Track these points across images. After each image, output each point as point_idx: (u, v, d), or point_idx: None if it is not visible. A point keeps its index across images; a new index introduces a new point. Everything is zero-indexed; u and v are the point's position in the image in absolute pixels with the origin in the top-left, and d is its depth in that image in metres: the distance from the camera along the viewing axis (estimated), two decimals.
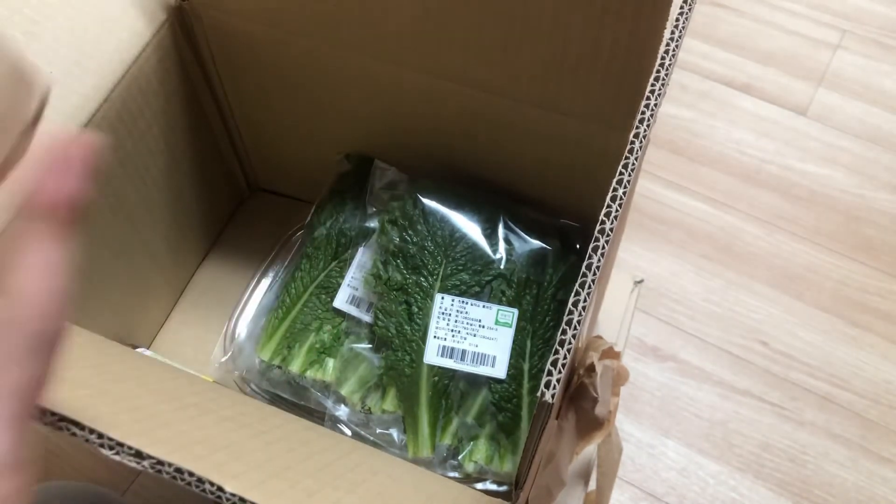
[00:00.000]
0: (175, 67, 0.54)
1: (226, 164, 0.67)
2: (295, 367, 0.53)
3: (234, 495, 0.28)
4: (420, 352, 0.51)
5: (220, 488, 0.28)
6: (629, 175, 0.30)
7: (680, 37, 0.34)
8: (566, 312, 0.27)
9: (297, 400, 0.54)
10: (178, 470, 0.28)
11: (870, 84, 1.00)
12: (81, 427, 0.29)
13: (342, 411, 0.52)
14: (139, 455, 0.28)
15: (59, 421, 0.29)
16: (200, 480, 0.28)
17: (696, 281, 0.84)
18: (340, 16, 0.48)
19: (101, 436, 0.29)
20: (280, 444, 0.36)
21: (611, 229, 0.29)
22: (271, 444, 0.35)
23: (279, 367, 0.54)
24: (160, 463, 0.28)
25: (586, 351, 0.39)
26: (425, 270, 0.52)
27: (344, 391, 0.52)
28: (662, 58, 0.33)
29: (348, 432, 0.52)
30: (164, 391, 0.37)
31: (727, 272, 0.85)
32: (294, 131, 0.62)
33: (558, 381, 0.26)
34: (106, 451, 0.29)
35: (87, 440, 0.29)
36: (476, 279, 0.52)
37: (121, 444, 0.28)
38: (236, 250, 0.69)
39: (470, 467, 0.50)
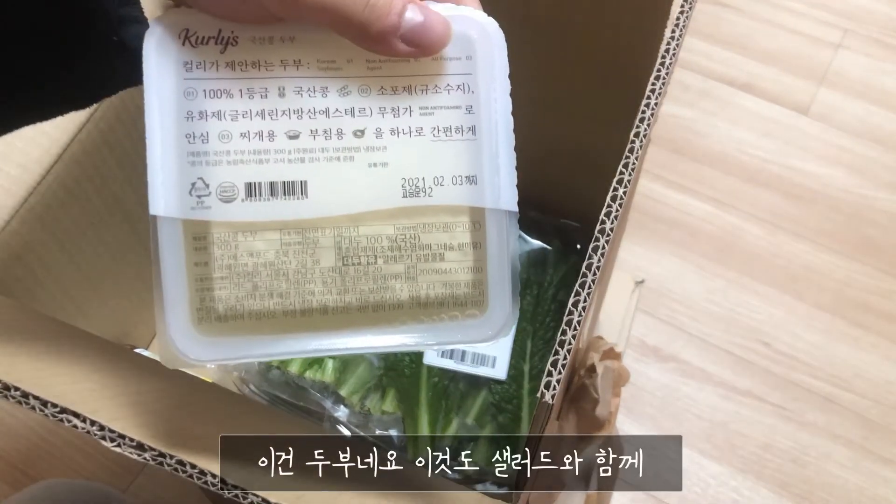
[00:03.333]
0: None
1: None
2: (294, 367, 0.52)
3: (235, 487, 0.28)
4: (420, 352, 0.50)
5: (222, 480, 0.28)
6: (630, 174, 0.29)
7: (681, 35, 0.34)
8: (566, 313, 0.27)
9: (297, 401, 0.54)
10: (181, 462, 0.28)
11: (871, 83, 0.99)
12: (83, 419, 0.29)
13: (341, 412, 0.52)
14: (141, 447, 0.29)
15: (59, 413, 0.29)
16: (203, 472, 0.28)
17: (698, 281, 0.84)
18: None
19: (102, 427, 0.29)
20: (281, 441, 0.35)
21: (611, 229, 0.28)
22: (272, 441, 0.35)
23: (278, 368, 0.53)
24: (162, 455, 0.28)
25: (587, 351, 0.39)
26: None
27: (343, 392, 0.51)
28: (663, 57, 0.33)
29: (347, 433, 0.52)
30: (163, 390, 0.37)
31: (728, 272, 0.85)
32: None
33: (558, 381, 0.26)
34: (107, 444, 0.29)
35: (88, 432, 0.29)
36: None
37: (122, 437, 0.29)
38: None
39: (470, 468, 0.50)
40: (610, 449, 0.52)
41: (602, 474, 0.56)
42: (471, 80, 0.28)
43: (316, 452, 0.36)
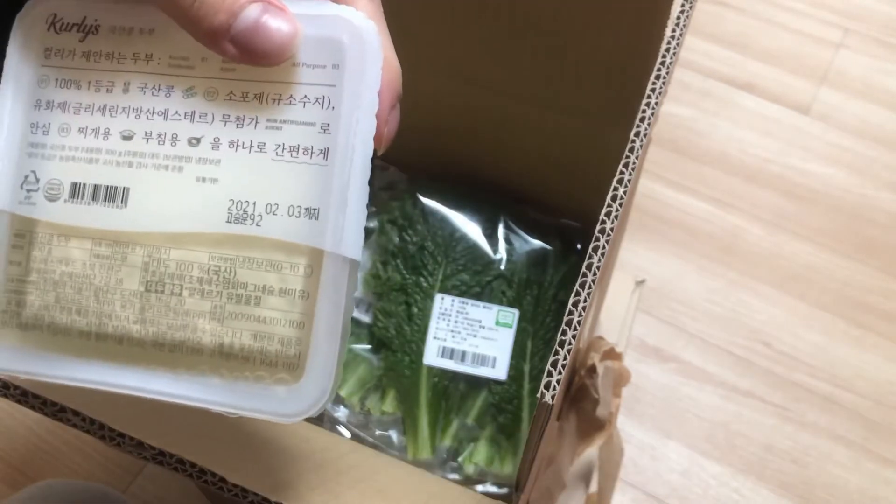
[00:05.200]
0: None
1: None
2: None
3: (235, 486, 0.28)
4: (420, 353, 0.50)
5: (221, 479, 0.28)
6: (630, 174, 0.29)
7: (681, 35, 0.33)
8: (566, 313, 0.27)
9: None
10: (180, 461, 0.28)
11: (872, 83, 0.99)
12: (83, 418, 0.29)
13: (341, 413, 0.52)
14: (141, 446, 0.28)
15: (59, 412, 0.29)
16: (202, 471, 0.28)
17: (698, 281, 0.84)
18: None
19: (102, 426, 0.29)
20: (280, 441, 0.35)
21: (611, 229, 0.28)
22: (271, 441, 0.35)
23: None
24: (162, 454, 0.28)
25: (587, 352, 0.39)
26: (425, 271, 0.52)
27: (343, 392, 0.51)
28: (663, 56, 0.32)
29: (347, 434, 0.52)
30: None
31: (729, 272, 0.85)
32: None
33: (558, 381, 0.26)
34: (107, 443, 0.28)
35: (88, 431, 0.29)
36: (476, 279, 0.52)
37: (122, 435, 0.28)
38: None
39: (470, 469, 0.50)
40: (610, 450, 0.52)
41: (602, 474, 0.56)
42: (333, 93, 0.23)
43: (317, 452, 0.36)
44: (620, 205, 0.29)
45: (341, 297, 0.23)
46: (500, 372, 0.50)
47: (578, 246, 0.56)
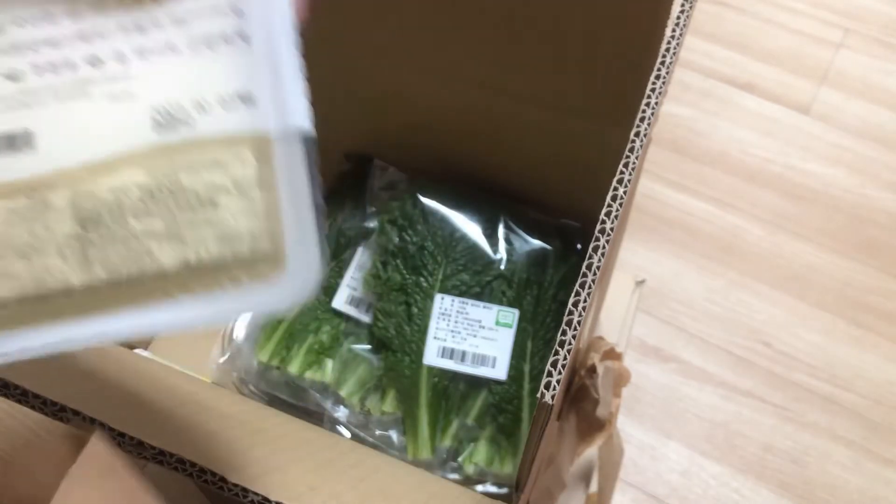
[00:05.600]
0: None
1: None
2: (293, 368, 0.52)
3: (235, 486, 0.28)
4: (420, 353, 0.50)
5: (221, 479, 0.28)
6: (630, 174, 0.29)
7: (681, 35, 0.33)
8: (566, 313, 0.27)
9: (296, 401, 0.53)
10: (181, 461, 0.28)
11: (872, 83, 0.99)
12: (83, 417, 0.29)
13: (341, 413, 0.52)
14: (141, 445, 0.28)
15: (59, 411, 0.29)
16: (202, 471, 0.28)
17: (698, 281, 0.84)
18: (340, 14, 0.48)
19: (102, 426, 0.29)
20: (280, 441, 0.35)
21: (611, 229, 0.28)
22: (271, 440, 0.35)
23: (277, 368, 0.53)
24: (162, 454, 0.28)
25: (587, 352, 0.39)
26: (425, 271, 0.52)
27: (343, 392, 0.51)
28: (663, 56, 0.32)
29: (347, 434, 0.52)
30: (162, 390, 0.37)
31: (729, 272, 0.85)
32: None
33: (558, 382, 0.26)
34: None
35: (87, 430, 0.29)
36: (476, 279, 0.52)
37: (122, 435, 0.28)
38: None
39: (470, 469, 0.50)
40: (610, 450, 0.52)
41: (602, 474, 0.56)
42: None
43: (317, 452, 0.36)
44: (620, 205, 0.29)
45: (302, 174, 0.22)
46: (500, 372, 0.50)
47: (578, 246, 0.56)
